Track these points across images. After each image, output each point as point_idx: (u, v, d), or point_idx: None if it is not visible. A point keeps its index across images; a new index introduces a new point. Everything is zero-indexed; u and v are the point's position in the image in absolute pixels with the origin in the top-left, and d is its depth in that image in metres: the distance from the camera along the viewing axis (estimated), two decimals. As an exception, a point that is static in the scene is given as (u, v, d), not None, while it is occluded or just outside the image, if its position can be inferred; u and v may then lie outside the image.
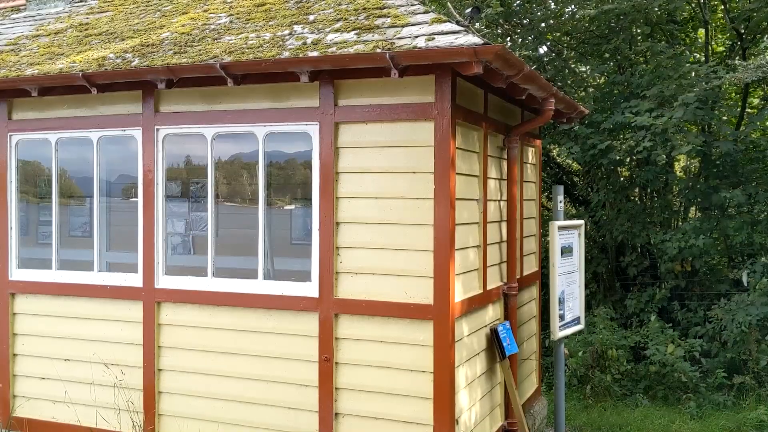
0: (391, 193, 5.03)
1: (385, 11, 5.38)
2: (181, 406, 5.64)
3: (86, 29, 6.75)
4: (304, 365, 5.24)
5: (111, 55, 5.80)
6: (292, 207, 5.71)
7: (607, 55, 11.13)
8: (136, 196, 5.89)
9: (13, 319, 6.27)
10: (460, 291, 5.11)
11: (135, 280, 5.78)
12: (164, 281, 5.69)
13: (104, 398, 5.87)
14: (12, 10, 8.13)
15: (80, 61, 5.83)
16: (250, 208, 5.67)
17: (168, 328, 5.68)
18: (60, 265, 6.16)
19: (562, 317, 6.31)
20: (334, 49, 4.94)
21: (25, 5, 8.06)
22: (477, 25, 5.64)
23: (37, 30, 7.17)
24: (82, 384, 5.96)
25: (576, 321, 6.66)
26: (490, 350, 5.75)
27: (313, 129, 5.22)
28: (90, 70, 5.52)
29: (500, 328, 5.72)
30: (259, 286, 5.41)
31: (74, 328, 6.01)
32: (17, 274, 6.26)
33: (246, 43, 5.40)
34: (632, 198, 11.05)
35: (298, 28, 5.50)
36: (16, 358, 6.27)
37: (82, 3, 7.70)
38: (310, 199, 5.35)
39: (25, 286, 6.21)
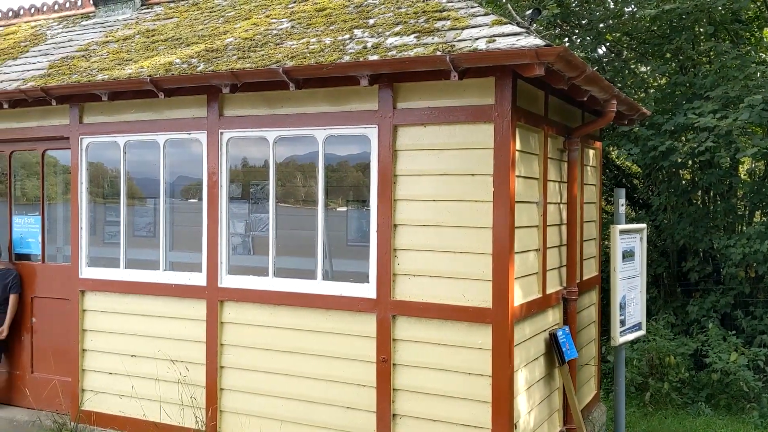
0: (450, 196, 5.04)
1: (444, 14, 5.39)
2: (242, 403, 5.76)
3: (153, 35, 6.97)
4: (362, 365, 5.29)
5: (177, 61, 5.97)
6: (345, 209, 5.77)
7: (668, 55, 10.87)
8: (195, 197, 6.05)
9: (83, 316, 6.52)
10: (520, 295, 5.08)
11: (199, 279, 5.93)
12: (227, 280, 5.83)
13: (168, 394, 6.04)
14: (82, 17, 8.44)
15: (148, 67, 6.02)
16: (304, 210, 5.77)
17: (230, 326, 5.82)
18: (126, 263, 6.37)
19: (622, 322, 6.20)
20: (393, 52, 4.98)
21: (94, 12, 8.35)
22: (534, 26, 5.59)
23: (106, 36, 7.43)
24: (148, 379, 6.15)
25: (637, 326, 6.54)
26: (549, 355, 5.70)
27: (371, 132, 5.27)
28: (157, 75, 5.70)
29: (559, 333, 5.66)
30: (318, 286, 5.49)
31: (140, 325, 6.21)
32: (87, 272, 6.50)
33: (307, 48, 5.49)
34: (695, 201, 10.77)
35: (358, 32, 5.56)
36: (85, 354, 6.51)
37: (149, 10, 7.94)
38: (364, 201, 5.40)
39: (94, 284, 6.44)
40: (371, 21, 5.70)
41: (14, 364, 7.19)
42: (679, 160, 9.54)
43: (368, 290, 5.28)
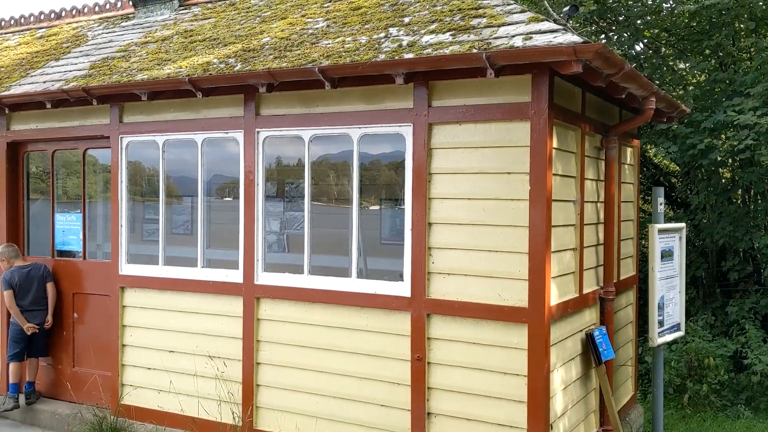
0: (485, 194, 5.02)
1: (480, 11, 5.37)
2: (277, 400, 5.81)
3: (191, 36, 7.06)
4: (396, 364, 5.30)
5: (215, 61, 6.05)
6: (378, 207, 5.78)
7: (708, 51, 10.66)
8: (231, 196, 6.12)
9: (123, 312, 6.64)
10: (556, 294, 5.04)
11: (236, 276, 6.00)
12: (263, 278, 5.89)
13: (206, 389, 6.12)
14: (121, 18, 8.58)
15: (186, 67, 6.11)
16: (337, 208, 5.80)
17: (266, 323, 5.87)
18: (165, 261, 6.47)
19: (661, 323, 6.12)
20: (429, 50, 4.97)
21: (133, 13, 8.49)
22: (570, 23, 5.54)
23: (146, 37, 7.55)
24: (186, 375, 6.24)
25: (676, 327, 6.44)
26: (586, 355, 5.64)
27: (406, 130, 5.28)
28: (195, 75, 5.78)
29: (596, 333, 5.60)
30: (353, 284, 5.51)
31: (178, 322, 6.30)
32: (127, 269, 6.62)
33: (343, 47, 5.51)
34: (735, 200, 10.56)
35: (393, 30, 5.57)
36: (124, 349, 6.64)
37: (187, 10, 8.05)
38: (397, 200, 5.39)
39: (133, 281, 6.56)
40: (406, 19, 5.70)
41: (56, 359, 7.36)
42: (719, 159, 9.36)
43: (403, 288, 5.29)
